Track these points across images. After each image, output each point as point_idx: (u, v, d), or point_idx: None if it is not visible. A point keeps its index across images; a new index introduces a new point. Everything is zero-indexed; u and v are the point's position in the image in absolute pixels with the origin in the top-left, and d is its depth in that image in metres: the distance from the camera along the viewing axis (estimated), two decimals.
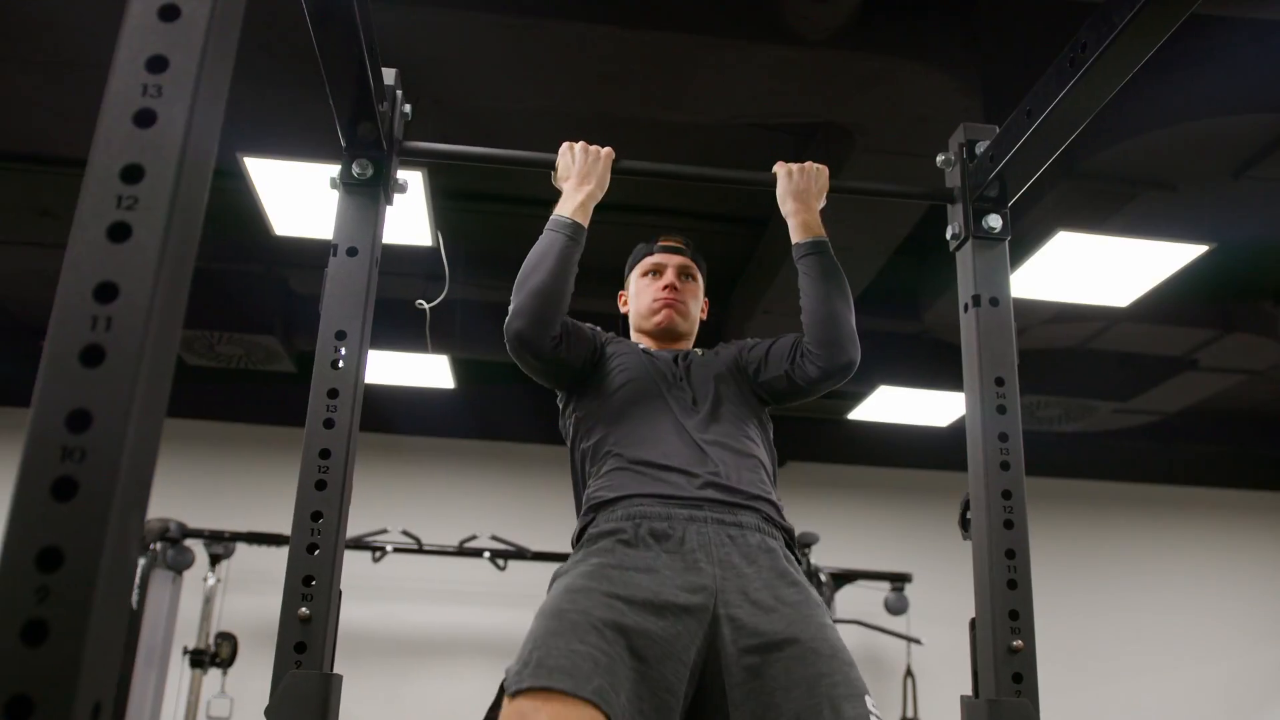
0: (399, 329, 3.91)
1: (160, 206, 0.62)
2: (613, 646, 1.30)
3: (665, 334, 1.79)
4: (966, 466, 1.62)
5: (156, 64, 0.65)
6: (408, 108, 1.63)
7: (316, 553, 1.42)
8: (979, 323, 1.64)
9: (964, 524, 1.63)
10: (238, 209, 3.50)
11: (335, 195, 1.55)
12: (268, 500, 5.82)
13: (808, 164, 1.71)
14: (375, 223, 1.55)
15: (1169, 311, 4.33)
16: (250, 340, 4.65)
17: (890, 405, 4.94)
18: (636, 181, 1.80)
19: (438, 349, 4.71)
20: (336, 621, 1.44)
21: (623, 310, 1.90)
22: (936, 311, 4.35)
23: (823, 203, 1.74)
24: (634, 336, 1.85)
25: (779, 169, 1.71)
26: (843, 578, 5.56)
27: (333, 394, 1.47)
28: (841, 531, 5.74)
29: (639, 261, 1.87)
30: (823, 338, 1.64)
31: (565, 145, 1.68)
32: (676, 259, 1.83)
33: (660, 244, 1.86)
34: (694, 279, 1.85)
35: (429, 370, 4.93)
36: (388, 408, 5.52)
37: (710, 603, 1.39)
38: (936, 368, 4.78)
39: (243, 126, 2.97)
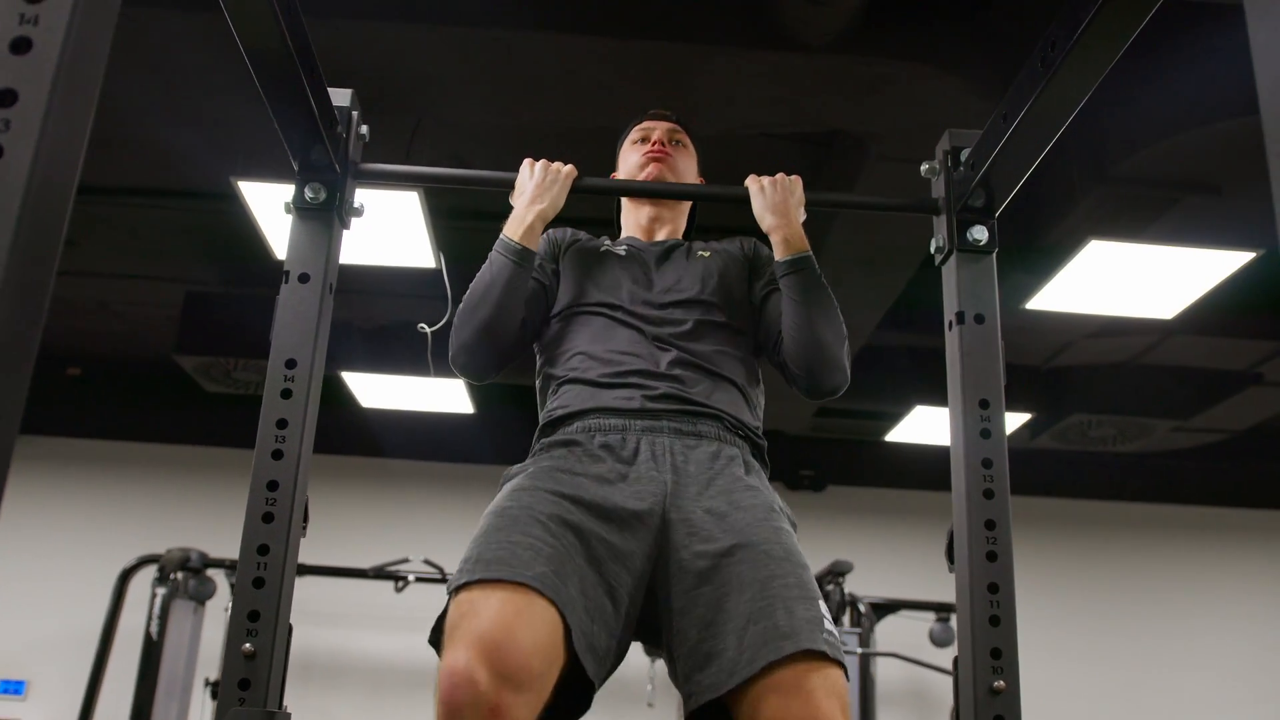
0: (417, 354, 3.97)
1: None
2: (559, 540, 1.30)
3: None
4: (1014, 489, 1.56)
5: None
6: (365, 129, 1.65)
7: (263, 587, 1.43)
8: (962, 341, 1.60)
9: (950, 555, 1.59)
10: (242, 234, 3.58)
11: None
12: None
13: (779, 176, 1.68)
14: (328, 248, 1.57)
15: (1224, 323, 4.19)
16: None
17: (929, 426, 4.85)
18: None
19: (446, 373, 4.75)
20: (285, 657, 1.45)
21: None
22: None
23: (803, 216, 1.71)
24: (624, 219, 1.81)
25: (750, 183, 1.68)
26: (884, 608, 5.46)
27: (281, 424, 1.49)
28: (882, 559, 5.64)
29: (625, 135, 1.85)
30: (805, 366, 1.60)
31: (526, 162, 1.69)
32: (665, 124, 1.80)
33: (650, 112, 1.85)
34: (685, 145, 1.81)
35: (447, 395, 4.98)
36: (407, 434, 5.58)
37: (660, 508, 1.40)
38: None
39: (237, 151, 3.04)
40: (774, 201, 1.64)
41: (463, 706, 1.15)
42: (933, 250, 1.70)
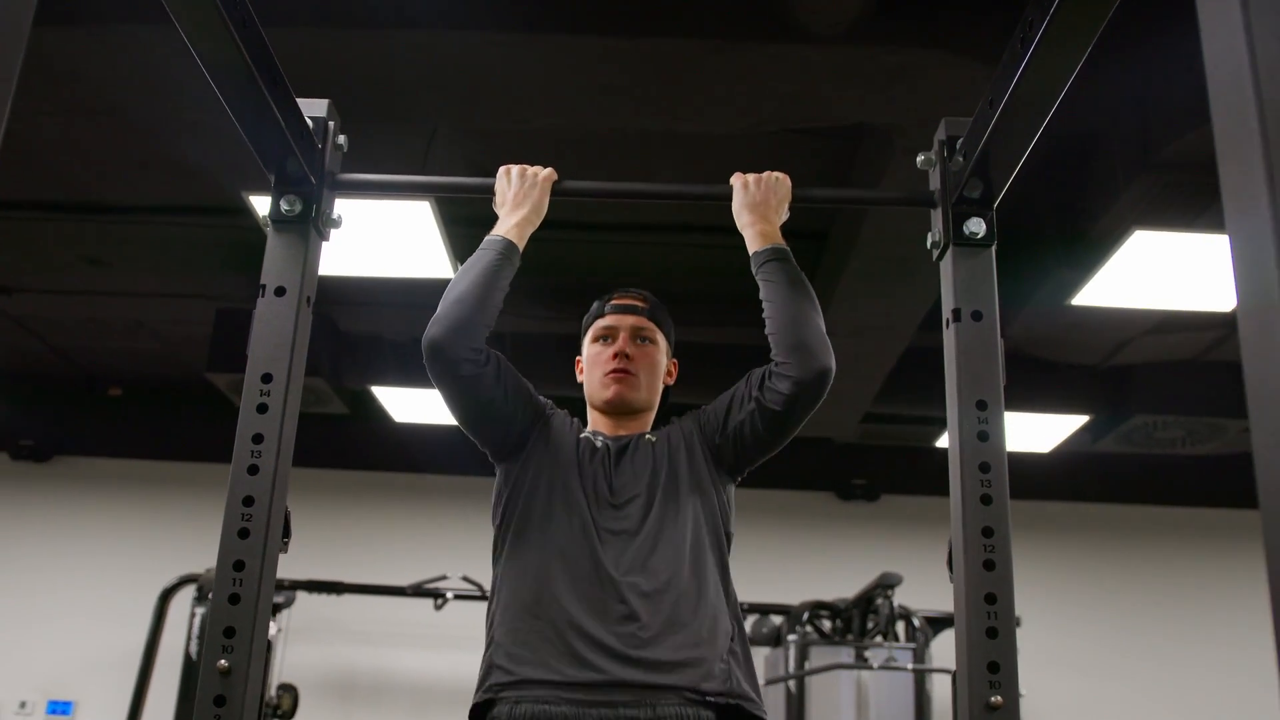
0: None
1: None
2: None
3: (617, 411, 1.75)
4: (1074, 495, 1.53)
5: None
6: (343, 139, 1.68)
7: (239, 604, 1.46)
8: (958, 339, 1.58)
9: (951, 564, 1.56)
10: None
11: (336, 229, 1.64)
12: (326, 546, 6.03)
13: (766, 174, 1.68)
14: (305, 260, 1.61)
15: None
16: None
17: None
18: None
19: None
20: (261, 675, 1.48)
21: (579, 379, 1.84)
22: (1022, 322, 4.18)
23: (785, 215, 1.71)
24: (589, 413, 1.81)
25: (735, 181, 1.69)
26: (941, 622, 5.36)
27: (258, 439, 1.53)
28: (938, 570, 5.51)
29: (591, 324, 1.82)
30: (792, 341, 1.60)
31: (503, 169, 1.71)
32: (630, 319, 1.77)
33: (613, 302, 1.81)
34: (652, 341, 1.78)
35: None
36: (442, 447, 5.64)
37: None
38: (1030, 386, 4.59)
39: (250, 165, 3.12)
40: (756, 200, 1.65)
41: None
42: (929, 245, 1.68)
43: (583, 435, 1.73)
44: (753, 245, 1.66)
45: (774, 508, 6.39)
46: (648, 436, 1.73)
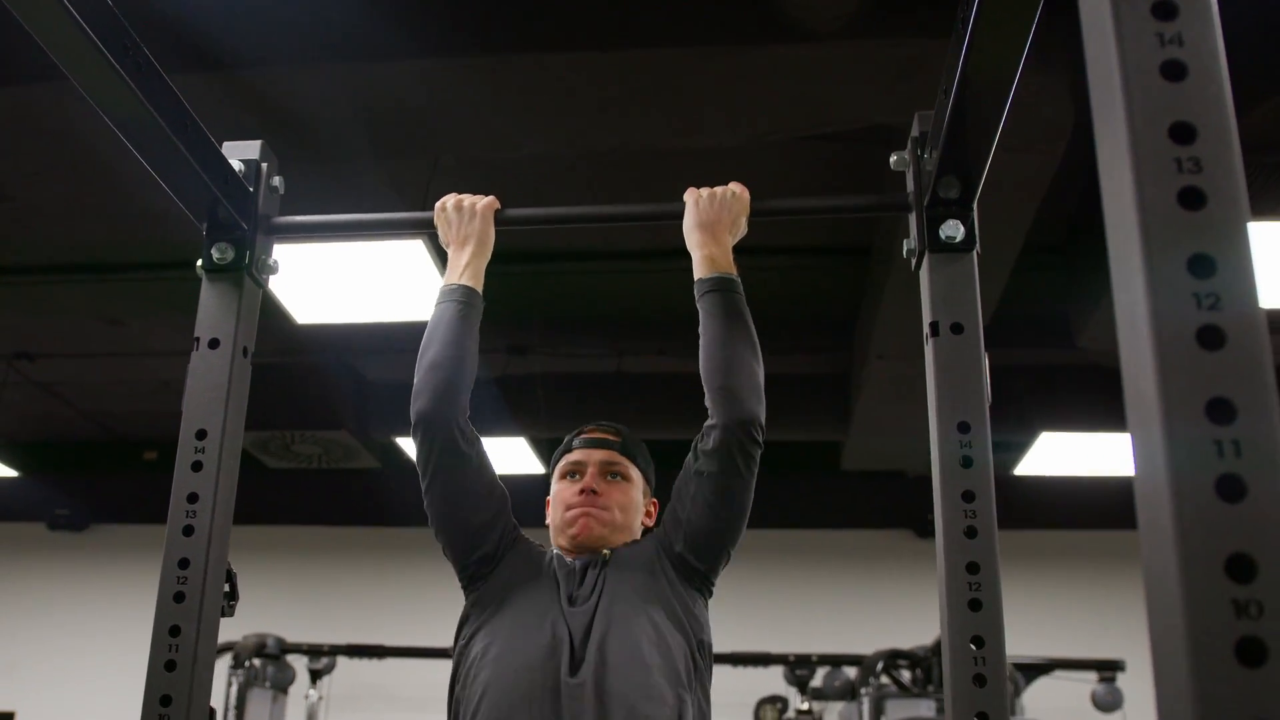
0: (478, 411, 4.09)
1: None
2: None
3: (584, 551, 1.72)
4: None
5: None
6: (277, 180, 1.73)
7: (174, 671, 1.49)
8: (937, 355, 1.54)
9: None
10: (272, 299, 3.77)
11: (350, 273, 1.69)
12: (366, 607, 6.12)
13: (721, 188, 1.66)
14: (239, 310, 1.65)
15: None
16: (324, 438, 4.96)
17: (1061, 455, 4.61)
18: None
19: (516, 430, 4.85)
20: None
21: (547, 522, 1.83)
22: (1093, 331, 4.05)
23: (742, 231, 1.69)
24: (554, 537, 1.80)
25: (688, 196, 1.67)
26: (1035, 669, 5.18)
27: (192, 498, 1.56)
28: (1027, 612, 5.35)
29: (558, 462, 1.81)
30: (718, 384, 1.58)
31: (440, 202, 1.73)
32: (599, 454, 1.75)
33: (582, 435, 1.81)
34: (624, 478, 1.76)
35: (514, 455, 5.07)
36: None
37: None
38: (1108, 404, 4.43)
39: None
40: (704, 218, 1.63)
41: None
42: (904, 253, 1.64)
43: (549, 558, 1.73)
44: (697, 270, 1.64)
45: (844, 549, 6.28)
46: (605, 552, 1.70)
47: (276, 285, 3.43)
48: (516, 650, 1.59)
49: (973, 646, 1.39)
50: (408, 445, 5.23)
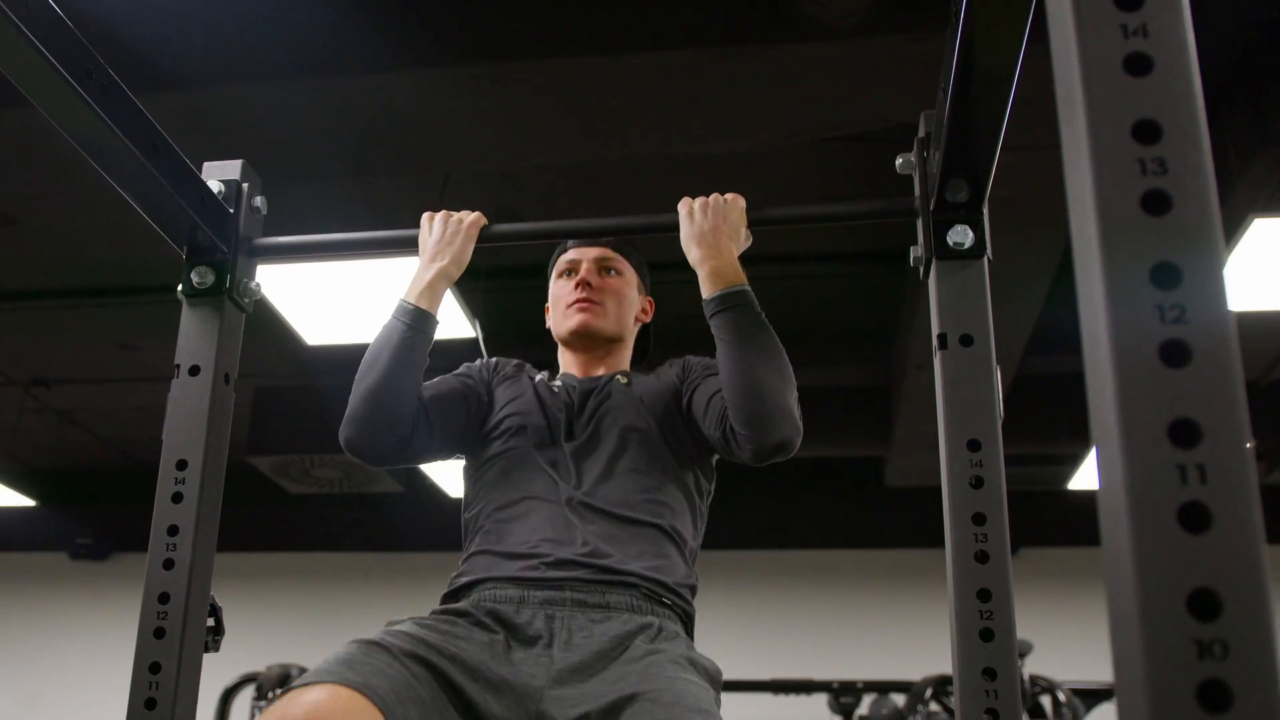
0: None
1: None
2: (405, 668, 1.30)
3: (585, 343, 1.78)
4: None
5: None
6: (260, 200, 1.74)
7: (154, 709, 1.50)
8: (945, 369, 1.50)
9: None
10: (274, 321, 3.81)
11: (357, 293, 1.70)
12: None
13: (714, 197, 1.64)
14: (220, 335, 1.66)
15: None
16: (345, 461, 5.00)
17: None
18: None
19: None
20: None
21: (548, 326, 1.88)
22: None
23: (746, 242, 1.66)
24: (560, 355, 1.85)
25: (681, 207, 1.65)
26: (1095, 696, 5.08)
27: (172, 531, 1.57)
28: (1086, 634, 5.23)
29: (554, 264, 1.86)
30: (746, 415, 1.53)
31: (426, 215, 1.73)
32: (593, 251, 1.81)
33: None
34: (618, 272, 1.82)
35: None
36: None
37: (539, 690, 1.38)
38: None
39: None
40: (701, 230, 1.60)
41: None
42: (911, 261, 1.61)
43: (538, 379, 1.77)
44: (704, 288, 1.59)
45: (887, 569, 6.19)
46: (619, 378, 1.75)
47: (285, 307, 3.48)
48: (517, 461, 1.67)
49: (984, 678, 1.36)
50: (430, 468, 5.26)
